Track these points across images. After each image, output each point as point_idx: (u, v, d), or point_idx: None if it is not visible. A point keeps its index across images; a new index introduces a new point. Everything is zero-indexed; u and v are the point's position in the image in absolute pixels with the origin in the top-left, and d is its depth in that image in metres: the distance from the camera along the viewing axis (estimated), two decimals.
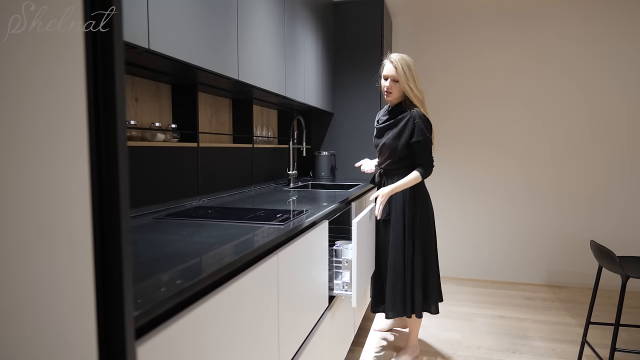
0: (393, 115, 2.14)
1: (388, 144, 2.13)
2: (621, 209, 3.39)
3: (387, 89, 2.09)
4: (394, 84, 2.08)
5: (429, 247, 2.18)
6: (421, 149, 2.07)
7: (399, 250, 2.14)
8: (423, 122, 2.06)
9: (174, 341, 0.73)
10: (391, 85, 2.08)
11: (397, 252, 2.14)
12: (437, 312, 2.22)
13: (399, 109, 2.13)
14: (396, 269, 2.14)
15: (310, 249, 1.52)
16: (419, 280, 2.14)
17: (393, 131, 2.12)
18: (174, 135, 1.78)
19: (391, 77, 2.07)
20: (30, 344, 0.46)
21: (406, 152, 2.10)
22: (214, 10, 1.51)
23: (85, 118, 0.51)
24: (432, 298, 2.19)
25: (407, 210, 2.13)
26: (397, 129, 2.11)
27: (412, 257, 2.14)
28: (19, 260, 0.44)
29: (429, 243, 2.18)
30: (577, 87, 3.41)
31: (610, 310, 3.01)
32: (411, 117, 2.07)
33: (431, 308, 2.20)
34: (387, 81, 2.09)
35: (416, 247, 2.14)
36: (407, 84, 2.06)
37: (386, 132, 2.16)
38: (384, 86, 2.11)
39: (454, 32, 3.62)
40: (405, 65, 2.05)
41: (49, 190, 0.47)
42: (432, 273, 2.20)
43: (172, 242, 1.09)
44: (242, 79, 1.73)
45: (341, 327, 2.03)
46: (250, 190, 2.40)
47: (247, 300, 1.01)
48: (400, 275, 2.14)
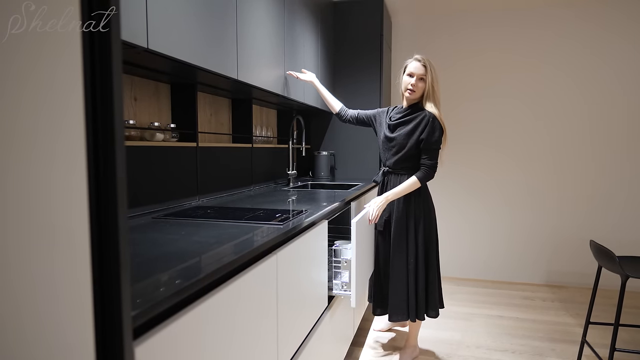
0: (409, 113, 2.15)
1: (399, 139, 2.12)
2: (621, 209, 3.39)
3: (413, 86, 2.10)
4: (420, 82, 2.10)
5: (431, 251, 2.18)
6: (429, 148, 2.08)
7: (402, 254, 2.13)
8: (438, 123, 2.07)
9: (172, 341, 0.73)
10: (416, 83, 2.10)
11: (400, 256, 2.13)
12: (436, 315, 2.21)
13: (416, 108, 2.14)
14: (399, 274, 2.14)
15: (310, 249, 1.52)
16: (422, 285, 2.14)
17: (406, 128, 2.12)
18: (173, 135, 1.78)
19: (419, 75, 2.09)
20: (29, 344, 0.46)
21: (414, 151, 2.10)
22: (213, 10, 1.51)
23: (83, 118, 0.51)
24: (433, 302, 2.19)
25: (410, 213, 2.13)
26: (411, 125, 2.11)
27: (415, 261, 2.13)
28: (17, 261, 0.44)
29: (431, 246, 2.18)
30: (577, 86, 3.41)
31: (609, 310, 3.01)
32: (427, 116, 2.07)
33: (431, 312, 2.20)
34: (413, 78, 2.10)
35: (419, 251, 2.14)
36: (432, 85, 2.09)
37: (398, 128, 2.15)
38: (408, 83, 2.11)
39: (454, 30, 3.62)
40: (433, 67, 2.10)
41: (48, 190, 0.47)
42: (435, 277, 2.20)
43: (171, 241, 1.09)
44: (242, 78, 1.73)
45: (340, 327, 2.03)
46: (249, 190, 2.40)
47: (246, 300, 1.01)
48: (404, 279, 2.14)
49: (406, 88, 2.12)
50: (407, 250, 2.13)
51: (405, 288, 2.14)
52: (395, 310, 2.15)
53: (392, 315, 2.16)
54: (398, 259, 2.14)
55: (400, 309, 2.14)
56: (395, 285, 2.14)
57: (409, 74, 2.12)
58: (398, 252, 2.14)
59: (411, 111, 2.15)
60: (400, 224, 2.13)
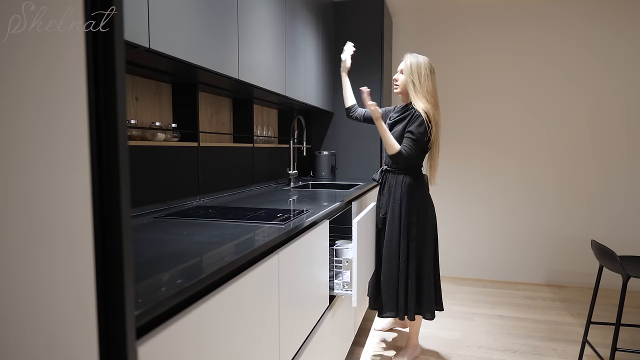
0: (403, 111, 2.19)
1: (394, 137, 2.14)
2: (622, 208, 3.39)
3: (394, 80, 2.22)
4: (400, 76, 2.19)
5: (424, 251, 2.15)
6: (409, 137, 2.08)
7: (393, 250, 2.14)
8: (425, 115, 2.05)
9: (174, 341, 0.73)
10: (397, 77, 2.20)
11: (391, 252, 2.15)
12: (432, 317, 2.18)
13: (409, 105, 2.16)
14: (390, 269, 2.15)
15: (311, 249, 1.52)
16: (412, 283, 2.13)
17: (399, 127, 2.14)
18: (175, 135, 1.78)
19: (400, 69, 2.18)
20: (31, 344, 0.46)
21: None
22: (214, 10, 1.51)
23: (86, 117, 0.51)
24: (427, 303, 2.16)
25: (404, 210, 2.13)
26: (403, 124, 2.13)
27: (406, 258, 2.13)
28: (18, 260, 0.44)
29: (425, 246, 2.15)
30: (577, 86, 3.40)
31: (611, 309, 3.01)
32: (413, 112, 2.10)
33: (426, 314, 2.18)
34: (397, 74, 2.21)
35: (410, 249, 2.13)
36: (410, 77, 2.11)
37: (394, 127, 2.18)
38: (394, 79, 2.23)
39: (455, 30, 3.62)
40: (415, 62, 2.12)
41: (51, 190, 0.47)
42: (429, 278, 2.16)
43: (172, 241, 1.09)
44: (243, 78, 1.73)
45: (341, 326, 2.03)
46: (250, 189, 2.40)
47: (248, 299, 1.01)
48: (394, 275, 2.15)
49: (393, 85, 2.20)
50: (399, 250, 2.13)
51: (396, 286, 2.14)
52: (386, 307, 2.17)
53: (382, 311, 2.19)
54: (390, 257, 2.15)
55: (390, 306, 2.16)
56: (387, 282, 2.15)
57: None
58: (390, 251, 2.15)
59: (404, 109, 2.19)
60: (393, 223, 2.15)
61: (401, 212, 2.13)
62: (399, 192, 2.15)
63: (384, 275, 2.17)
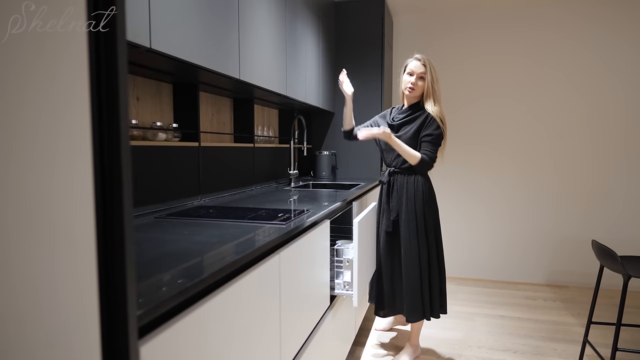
0: (411, 112, 2.17)
1: (404, 140, 2.13)
2: (622, 208, 3.39)
3: (413, 84, 2.13)
4: (420, 80, 2.13)
5: (440, 250, 2.22)
6: (428, 141, 2.09)
7: (414, 254, 2.13)
8: (439, 119, 2.09)
9: (176, 341, 0.73)
10: (416, 82, 2.13)
11: (412, 256, 2.13)
12: (438, 316, 2.22)
13: (417, 107, 2.16)
14: (414, 274, 2.13)
15: (312, 249, 1.52)
16: (436, 282, 2.17)
17: (411, 128, 2.13)
18: (175, 135, 1.78)
19: (418, 74, 2.12)
20: (32, 344, 0.46)
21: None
22: (215, 10, 1.51)
23: (89, 118, 0.51)
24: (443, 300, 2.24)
25: (419, 214, 2.14)
26: (415, 125, 2.12)
27: (427, 260, 2.15)
28: (18, 260, 0.44)
29: (440, 246, 2.22)
30: (577, 87, 3.40)
31: (611, 310, 3.00)
32: (427, 115, 2.10)
33: (436, 313, 2.21)
34: (412, 77, 2.13)
35: (431, 249, 2.16)
36: (432, 84, 2.11)
37: (402, 128, 2.17)
38: (408, 82, 2.14)
39: (455, 30, 3.61)
40: (433, 66, 2.12)
41: (51, 190, 0.47)
42: (444, 275, 2.24)
43: (173, 241, 1.09)
44: (243, 78, 1.73)
45: (342, 326, 2.03)
46: (251, 189, 2.40)
47: (249, 299, 1.01)
48: (418, 280, 2.14)
49: (406, 87, 2.15)
50: (419, 251, 2.13)
51: (420, 288, 2.14)
52: (413, 311, 2.15)
53: (410, 316, 2.16)
54: (411, 259, 2.13)
55: (417, 309, 2.15)
56: (410, 286, 2.14)
57: (409, 73, 2.15)
58: (410, 253, 2.13)
59: (413, 111, 2.17)
60: (410, 224, 2.14)
61: (417, 214, 2.13)
62: (412, 192, 2.14)
63: (405, 281, 2.15)
